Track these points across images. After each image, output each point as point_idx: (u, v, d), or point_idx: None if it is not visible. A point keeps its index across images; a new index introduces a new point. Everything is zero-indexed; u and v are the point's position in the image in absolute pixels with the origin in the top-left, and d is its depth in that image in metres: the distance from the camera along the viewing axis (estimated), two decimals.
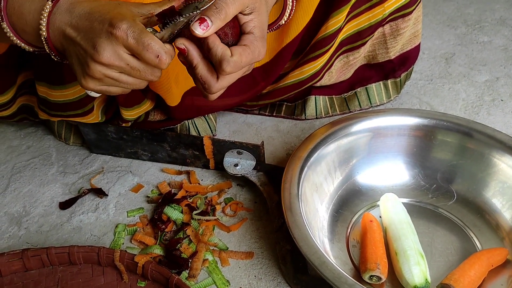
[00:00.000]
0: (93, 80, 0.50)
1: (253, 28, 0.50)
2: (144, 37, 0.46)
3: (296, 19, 0.74)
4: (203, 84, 0.51)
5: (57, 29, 0.50)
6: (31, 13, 0.51)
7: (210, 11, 0.47)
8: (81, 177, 0.79)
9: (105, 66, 0.48)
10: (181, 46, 0.49)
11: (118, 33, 0.46)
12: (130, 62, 0.48)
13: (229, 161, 0.74)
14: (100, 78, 0.49)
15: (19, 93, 0.77)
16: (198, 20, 0.47)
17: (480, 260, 0.58)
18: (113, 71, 0.49)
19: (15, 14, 0.51)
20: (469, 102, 0.92)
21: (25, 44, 0.54)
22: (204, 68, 0.50)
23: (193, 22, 0.47)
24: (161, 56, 0.47)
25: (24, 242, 0.68)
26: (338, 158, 0.70)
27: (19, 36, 0.53)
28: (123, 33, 0.46)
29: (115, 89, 0.52)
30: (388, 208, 0.66)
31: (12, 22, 0.52)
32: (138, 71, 0.49)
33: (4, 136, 0.88)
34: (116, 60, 0.48)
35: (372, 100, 0.89)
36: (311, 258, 0.53)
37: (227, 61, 0.48)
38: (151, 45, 0.47)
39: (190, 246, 0.66)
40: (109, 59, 0.47)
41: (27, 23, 0.51)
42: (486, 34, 1.13)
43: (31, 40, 0.53)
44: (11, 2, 0.51)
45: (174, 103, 0.75)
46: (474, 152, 0.69)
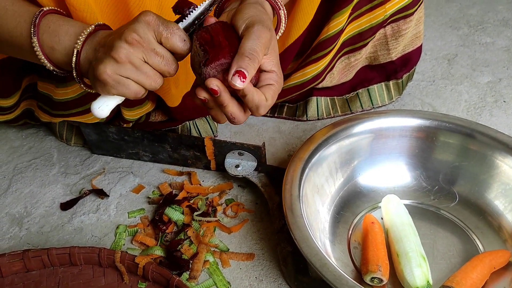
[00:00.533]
0: (114, 63, 0.49)
1: (273, 65, 0.52)
2: (171, 24, 0.51)
3: (296, 22, 0.74)
4: (233, 119, 0.52)
5: (90, 46, 0.53)
6: (68, 34, 0.54)
7: (244, 62, 0.48)
8: (82, 178, 0.79)
9: (131, 47, 0.49)
10: (215, 88, 0.49)
11: (148, 18, 0.50)
12: (157, 47, 0.50)
13: (230, 162, 0.74)
14: (123, 61, 0.49)
15: (24, 97, 0.77)
16: (237, 73, 0.47)
17: (483, 262, 0.58)
18: (138, 56, 0.50)
19: (48, 32, 0.54)
20: (471, 103, 0.92)
21: (48, 62, 0.55)
22: (234, 106, 0.51)
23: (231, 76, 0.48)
24: (187, 41, 0.51)
25: (25, 242, 0.68)
26: (339, 159, 0.70)
27: (45, 53, 0.55)
28: (153, 19, 0.50)
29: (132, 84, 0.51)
30: (390, 210, 0.65)
31: (42, 39, 0.54)
32: (162, 58, 0.51)
33: (5, 137, 0.89)
34: (145, 42, 0.49)
35: (374, 101, 0.88)
36: (312, 259, 0.53)
37: (264, 106, 0.51)
38: (178, 31, 0.50)
39: (191, 247, 0.65)
40: (139, 39, 0.49)
41: (60, 41, 0.54)
42: (489, 35, 1.13)
43: (56, 58, 0.55)
44: (45, 22, 0.55)
45: (174, 104, 0.75)
46: (476, 154, 0.68)
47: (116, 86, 0.51)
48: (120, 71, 0.50)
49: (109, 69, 0.49)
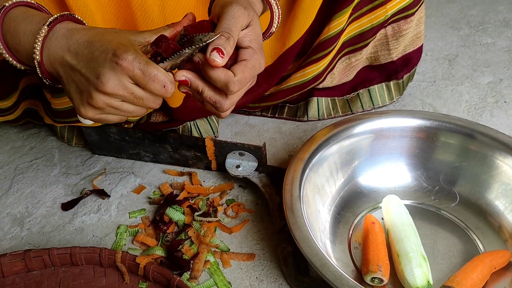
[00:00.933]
0: (93, 109, 0.50)
1: (249, 42, 0.51)
2: (150, 68, 0.47)
3: (298, 22, 0.74)
4: (214, 104, 0.52)
5: (53, 54, 0.50)
6: (26, 35, 0.51)
7: (220, 41, 0.48)
8: (83, 178, 0.79)
9: (108, 96, 0.48)
10: (182, 78, 0.50)
11: (124, 64, 0.46)
12: (135, 91, 0.48)
13: (231, 163, 0.74)
14: (102, 107, 0.49)
15: (22, 97, 0.77)
16: (215, 49, 0.47)
17: (483, 263, 0.58)
18: (116, 100, 0.49)
19: (10, 33, 0.51)
20: (472, 103, 0.92)
21: (17, 62, 0.53)
22: (210, 90, 0.51)
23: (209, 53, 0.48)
24: (167, 86, 0.48)
25: (26, 243, 0.69)
26: (340, 160, 0.70)
27: (12, 53, 0.53)
28: (129, 64, 0.46)
29: (113, 118, 0.52)
30: (390, 210, 0.65)
31: (6, 40, 0.52)
32: (141, 100, 0.49)
33: (7, 137, 0.89)
34: (120, 90, 0.48)
35: (374, 101, 0.88)
36: (312, 259, 0.53)
37: (232, 82, 0.49)
38: (157, 76, 0.47)
39: (191, 247, 0.66)
40: (114, 88, 0.47)
41: (20, 43, 0.51)
42: (490, 36, 1.12)
43: (23, 60, 0.53)
44: (8, 20, 0.52)
45: (175, 104, 0.75)
46: (477, 154, 0.68)
47: (99, 121, 0.52)
48: (100, 112, 0.50)
49: (90, 113, 0.50)
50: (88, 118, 0.51)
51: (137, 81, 0.48)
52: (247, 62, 0.50)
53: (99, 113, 0.50)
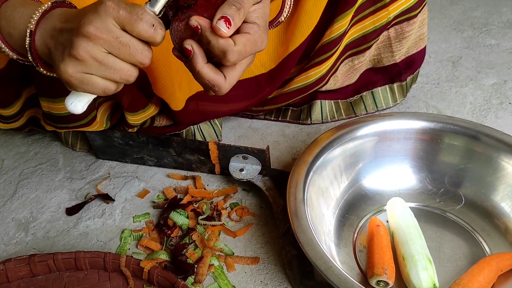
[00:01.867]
0: (74, 62, 0.44)
1: (256, 18, 0.49)
2: (137, 7, 0.44)
3: (301, 26, 0.74)
4: (212, 87, 0.49)
5: (46, 29, 0.48)
6: (22, 17, 0.49)
7: (230, 10, 0.45)
8: (87, 183, 0.79)
9: (90, 41, 0.43)
10: (188, 47, 0.46)
11: (107, 4, 0.43)
12: (120, 35, 0.44)
13: (235, 166, 0.74)
14: (84, 58, 0.44)
15: (27, 106, 0.78)
16: (222, 18, 0.44)
17: (489, 265, 0.57)
18: (100, 49, 0.44)
19: (5, 18, 0.50)
20: (476, 105, 0.91)
21: (8, 49, 0.51)
22: (209, 70, 0.48)
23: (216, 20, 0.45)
24: (156, 26, 0.44)
25: (31, 247, 0.69)
26: (344, 162, 0.70)
27: (5, 40, 0.51)
28: (114, 3, 0.43)
29: (99, 80, 0.46)
30: (395, 213, 0.65)
31: (1, 26, 0.50)
32: (127, 47, 0.44)
33: (12, 143, 0.89)
34: (104, 32, 0.43)
35: (378, 104, 0.88)
36: (317, 263, 0.53)
37: (231, 51, 0.46)
38: (144, 15, 0.44)
39: (196, 251, 0.65)
40: (96, 30, 0.43)
41: (15, 26, 0.49)
42: (494, 37, 1.12)
43: (14, 44, 0.51)
44: (4, 8, 0.50)
45: (178, 107, 0.75)
46: (482, 156, 0.68)
47: (81, 85, 0.46)
48: (82, 68, 0.45)
49: (70, 68, 0.44)
50: (68, 75, 0.45)
51: (123, 22, 0.44)
52: (249, 36, 0.47)
53: (81, 70, 0.45)
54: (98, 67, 0.45)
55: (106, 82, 0.46)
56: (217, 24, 0.45)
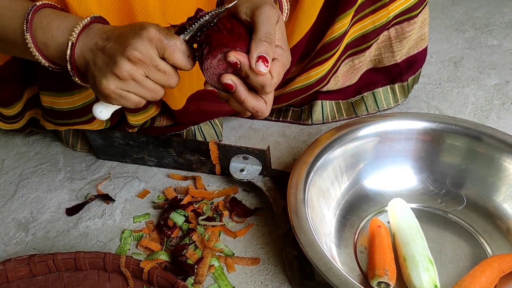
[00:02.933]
0: (117, 80, 0.50)
1: (278, 40, 0.51)
2: (174, 38, 0.49)
3: (298, 23, 0.73)
4: (256, 113, 0.52)
5: (86, 44, 0.52)
6: (60, 30, 0.52)
7: (264, 47, 0.48)
8: (88, 183, 0.79)
9: (134, 65, 0.49)
10: (229, 82, 0.50)
11: (151, 34, 0.48)
12: (159, 64, 0.50)
13: (235, 167, 0.74)
14: (125, 78, 0.49)
15: (28, 107, 0.78)
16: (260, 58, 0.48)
17: (491, 266, 0.57)
18: (140, 73, 0.50)
19: (41, 28, 0.53)
20: (478, 106, 0.91)
21: (42, 58, 0.54)
22: (253, 99, 0.51)
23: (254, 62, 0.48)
24: (190, 56, 0.50)
25: (31, 248, 0.69)
26: (344, 163, 0.70)
27: (39, 49, 0.54)
28: (156, 34, 0.48)
29: (134, 97, 0.52)
30: (396, 214, 0.65)
31: (35, 35, 0.53)
32: (163, 74, 0.50)
33: (12, 143, 0.89)
34: (146, 59, 0.49)
35: (379, 104, 0.88)
36: (317, 264, 0.53)
37: (269, 84, 0.50)
38: (182, 46, 0.49)
39: (196, 252, 0.65)
40: (141, 56, 0.48)
41: (53, 37, 0.53)
42: (496, 38, 1.12)
43: (50, 55, 0.54)
44: (39, 17, 0.53)
45: (177, 106, 0.75)
46: (484, 156, 0.67)
47: (118, 99, 0.51)
48: (123, 86, 0.50)
49: (112, 85, 0.50)
50: (109, 91, 0.50)
51: (163, 49, 0.49)
52: (279, 62, 0.50)
53: (121, 87, 0.50)
54: (136, 86, 0.51)
55: (139, 98, 0.52)
56: (257, 67, 0.48)
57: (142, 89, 0.51)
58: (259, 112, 0.52)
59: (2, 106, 0.74)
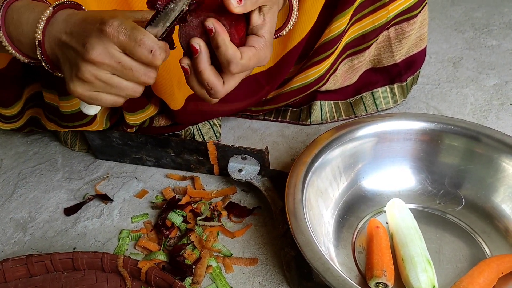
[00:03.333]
0: (82, 83, 0.47)
1: (265, 32, 0.49)
2: (136, 32, 0.45)
3: (299, 24, 0.73)
4: (209, 90, 0.50)
5: (53, 37, 0.49)
6: (29, 23, 0.50)
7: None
8: (86, 183, 0.79)
9: (95, 66, 0.46)
10: (196, 46, 0.47)
11: (109, 29, 0.45)
12: (122, 60, 0.46)
13: (234, 167, 0.74)
14: (90, 80, 0.47)
15: (27, 106, 0.78)
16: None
17: (490, 267, 0.57)
18: (104, 72, 0.47)
19: (13, 24, 0.51)
20: (477, 106, 0.91)
21: (20, 55, 0.53)
22: (211, 73, 0.49)
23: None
24: (155, 51, 0.46)
25: (29, 248, 0.68)
26: (343, 163, 0.69)
27: (15, 46, 0.52)
28: (114, 29, 0.45)
29: (107, 97, 0.49)
30: (395, 214, 0.65)
31: (9, 32, 0.51)
32: (130, 71, 0.47)
33: (11, 143, 0.89)
34: (106, 58, 0.46)
35: (378, 104, 0.88)
36: (315, 264, 0.53)
37: (236, 63, 0.47)
38: (143, 40, 0.45)
39: (194, 252, 0.65)
40: (99, 56, 0.45)
41: (24, 32, 0.50)
42: (495, 38, 1.12)
43: (26, 51, 0.52)
44: (10, 12, 0.51)
45: (177, 107, 0.75)
46: (482, 157, 0.67)
47: (91, 101, 0.49)
48: (90, 88, 0.48)
49: (79, 88, 0.48)
50: (77, 94, 0.48)
51: (123, 47, 0.45)
52: (255, 51, 0.48)
53: (89, 89, 0.48)
54: (104, 86, 0.48)
55: (114, 97, 0.49)
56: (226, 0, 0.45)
57: (111, 88, 0.48)
58: (213, 90, 0.49)
59: (3, 106, 0.74)
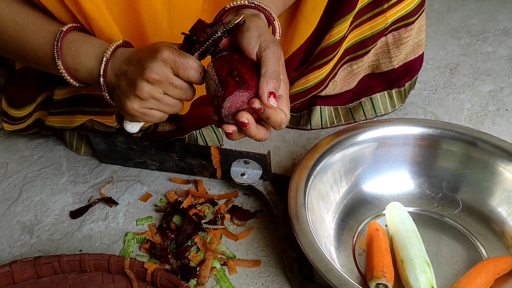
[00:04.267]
0: (139, 101, 0.56)
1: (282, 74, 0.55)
2: (186, 57, 0.55)
3: (299, 29, 0.75)
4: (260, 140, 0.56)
5: (113, 69, 0.58)
6: (88, 56, 0.59)
7: (273, 84, 0.52)
8: (91, 187, 0.80)
9: (152, 85, 0.55)
10: (245, 121, 0.53)
11: (164, 55, 0.54)
12: (175, 81, 0.55)
13: (236, 171, 0.75)
14: (146, 98, 0.55)
15: (37, 109, 0.79)
16: (271, 94, 0.52)
17: (486, 269, 0.58)
18: (159, 91, 0.55)
19: (70, 55, 0.59)
20: (473, 111, 0.93)
21: (73, 80, 0.61)
22: (262, 132, 0.55)
23: (266, 98, 0.52)
24: (202, 72, 0.56)
25: (36, 250, 0.70)
26: (343, 167, 0.71)
27: (70, 73, 0.61)
28: (168, 55, 0.54)
29: (156, 113, 0.58)
30: (394, 217, 0.66)
31: (65, 61, 0.60)
32: (180, 90, 0.56)
33: (16, 147, 0.90)
34: (163, 79, 0.54)
35: (377, 109, 0.90)
36: (318, 265, 0.54)
37: (285, 122, 0.55)
38: (194, 64, 0.55)
39: (198, 254, 0.66)
40: (157, 76, 0.54)
41: (82, 63, 0.59)
42: (490, 45, 1.14)
43: (80, 78, 0.61)
44: (67, 43, 0.59)
45: (183, 112, 0.77)
46: (479, 161, 0.69)
47: (143, 117, 0.58)
48: (145, 105, 0.56)
49: (135, 105, 0.56)
50: (133, 111, 0.56)
51: (177, 68, 0.54)
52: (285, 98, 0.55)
53: (143, 106, 0.56)
54: (157, 104, 0.57)
55: (161, 114, 0.59)
56: (269, 101, 0.52)
57: (162, 105, 0.57)
58: (264, 139, 0.57)
59: (15, 107, 0.76)
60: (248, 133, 0.55)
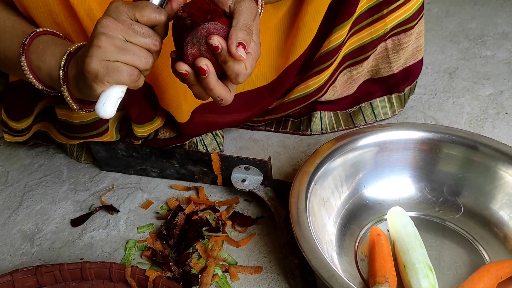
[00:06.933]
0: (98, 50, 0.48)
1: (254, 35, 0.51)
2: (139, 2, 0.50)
3: (300, 37, 0.75)
4: (220, 101, 0.52)
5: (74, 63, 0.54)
6: (54, 54, 0.55)
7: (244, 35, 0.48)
8: (91, 194, 0.80)
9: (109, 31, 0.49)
10: (204, 67, 0.49)
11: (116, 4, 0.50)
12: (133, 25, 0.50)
13: (237, 177, 0.75)
14: (105, 45, 0.48)
15: (36, 121, 0.79)
16: (240, 44, 0.48)
17: (489, 273, 0.58)
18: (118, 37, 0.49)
19: (37, 52, 0.56)
20: (473, 115, 0.93)
21: (36, 81, 0.57)
22: (221, 88, 0.51)
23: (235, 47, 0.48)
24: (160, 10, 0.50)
25: (37, 258, 0.69)
26: (344, 173, 0.71)
27: (33, 72, 0.57)
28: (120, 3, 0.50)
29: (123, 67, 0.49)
30: (396, 222, 0.66)
31: (31, 59, 0.56)
32: (141, 34, 0.50)
33: (16, 155, 0.90)
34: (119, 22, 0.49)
35: (377, 114, 0.90)
36: (320, 271, 0.54)
37: (243, 74, 0.50)
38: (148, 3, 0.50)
39: (199, 261, 0.66)
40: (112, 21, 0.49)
41: (46, 60, 0.55)
42: (489, 48, 1.14)
43: (42, 78, 0.57)
44: (37, 42, 0.56)
45: (183, 119, 0.77)
46: (480, 165, 0.69)
47: (108, 73, 0.49)
48: (106, 55, 0.49)
49: (95, 56, 0.48)
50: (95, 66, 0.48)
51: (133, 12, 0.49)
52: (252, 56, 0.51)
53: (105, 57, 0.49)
54: (119, 52, 0.49)
55: (130, 68, 0.50)
56: (238, 51, 0.48)
57: (126, 54, 0.49)
58: (224, 100, 0.52)
59: (13, 120, 0.76)
60: (207, 83, 0.50)
